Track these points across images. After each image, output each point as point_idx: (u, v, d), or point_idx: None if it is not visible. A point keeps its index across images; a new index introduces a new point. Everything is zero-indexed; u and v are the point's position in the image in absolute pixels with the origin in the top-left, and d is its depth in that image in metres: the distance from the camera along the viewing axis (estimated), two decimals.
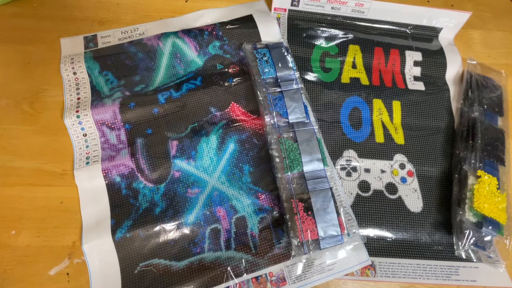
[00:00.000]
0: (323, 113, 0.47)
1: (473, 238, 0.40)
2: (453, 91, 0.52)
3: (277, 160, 0.41)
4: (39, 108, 0.45)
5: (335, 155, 0.45)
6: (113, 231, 0.39)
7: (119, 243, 0.38)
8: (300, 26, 0.52)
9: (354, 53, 0.52)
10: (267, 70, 0.45)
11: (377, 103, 0.49)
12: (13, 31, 0.49)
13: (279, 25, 0.52)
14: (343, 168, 0.45)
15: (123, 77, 0.47)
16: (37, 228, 0.39)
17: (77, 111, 0.44)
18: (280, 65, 0.46)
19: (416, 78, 0.52)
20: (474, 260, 0.41)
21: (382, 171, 0.45)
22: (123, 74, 0.47)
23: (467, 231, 0.40)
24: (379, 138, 0.47)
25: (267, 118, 0.43)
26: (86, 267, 0.37)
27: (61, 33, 0.49)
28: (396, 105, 0.49)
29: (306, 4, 0.52)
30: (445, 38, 0.55)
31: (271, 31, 0.51)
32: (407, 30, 0.54)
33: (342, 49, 0.52)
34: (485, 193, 0.41)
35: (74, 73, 0.46)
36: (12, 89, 0.46)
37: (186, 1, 0.54)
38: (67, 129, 0.43)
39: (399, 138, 0.47)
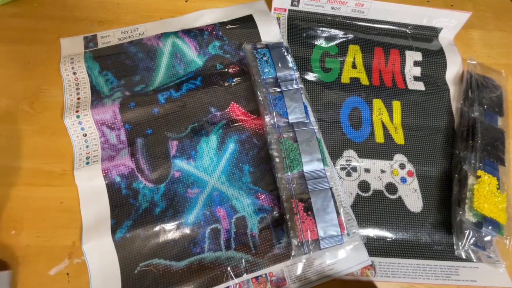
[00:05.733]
0: (323, 113, 0.47)
1: (473, 238, 0.40)
2: (453, 91, 0.52)
3: (277, 160, 0.41)
4: (39, 108, 0.45)
5: (335, 155, 0.45)
6: (113, 231, 0.39)
7: (119, 243, 0.38)
8: (300, 26, 0.52)
9: (354, 53, 0.52)
10: (267, 70, 0.45)
11: (377, 103, 0.49)
12: (13, 31, 0.49)
13: (279, 25, 0.52)
14: (343, 168, 0.45)
15: (123, 77, 0.47)
16: (37, 228, 0.39)
17: (77, 111, 0.44)
18: (280, 65, 0.46)
19: (416, 78, 0.52)
20: (474, 260, 0.41)
21: (382, 171, 0.45)
22: (123, 74, 0.47)
23: (467, 231, 0.40)
24: (379, 138, 0.47)
25: (267, 118, 0.43)
26: (86, 267, 0.37)
27: (61, 33, 0.49)
28: (396, 105, 0.49)
29: (306, 4, 0.52)
30: (445, 38, 0.55)
31: (271, 31, 0.51)
32: (407, 30, 0.54)
33: (342, 49, 0.52)
34: (485, 193, 0.41)
35: (74, 73, 0.46)
36: (12, 89, 0.46)
37: (186, 1, 0.54)
38: (67, 129, 0.43)
39: (399, 138, 0.47)
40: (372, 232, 0.42)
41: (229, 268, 0.38)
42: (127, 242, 0.39)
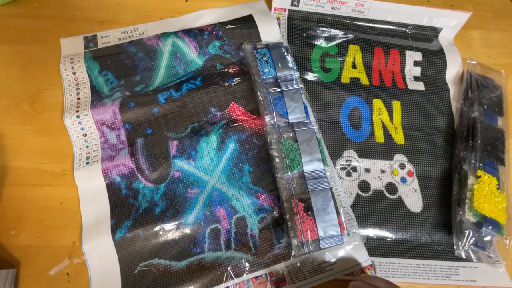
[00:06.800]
0: (323, 113, 0.47)
1: (473, 238, 0.40)
2: (453, 91, 0.52)
3: (277, 160, 0.41)
4: (39, 108, 0.45)
5: (335, 155, 0.45)
6: (113, 231, 0.39)
7: (119, 243, 0.38)
8: (300, 26, 0.52)
9: (354, 53, 0.52)
10: (267, 70, 0.45)
11: (377, 103, 0.49)
12: (13, 31, 0.49)
13: (279, 25, 0.52)
14: (343, 168, 0.45)
15: (123, 77, 0.47)
16: (37, 228, 0.39)
17: (77, 111, 0.44)
18: (280, 65, 0.46)
19: (416, 78, 0.52)
20: (474, 260, 0.41)
21: (382, 171, 0.45)
22: (123, 74, 0.47)
23: (467, 231, 0.40)
24: (379, 138, 0.47)
25: (267, 118, 0.43)
26: (86, 267, 0.37)
27: (61, 33, 0.49)
28: (396, 105, 0.49)
29: (306, 4, 0.52)
30: (445, 38, 0.55)
31: (271, 31, 0.51)
32: (407, 30, 0.54)
33: (342, 49, 0.52)
34: (485, 193, 0.41)
35: (74, 73, 0.46)
36: (12, 89, 0.46)
37: (186, 1, 0.54)
38: (67, 129, 0.43)
39: (399, 138, 0.47)
40: (372, 232, 0.42)
41: (229, 268, 0.38)
42: (127, 242, 0.39)
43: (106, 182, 0.41)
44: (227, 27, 0.50)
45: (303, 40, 0.51)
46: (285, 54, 0.47)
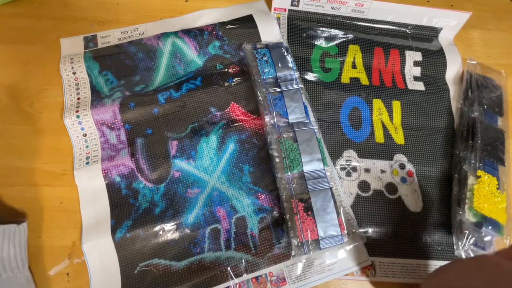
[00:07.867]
0: (323, 113, 0.47)
1: (473, 238, 0.40)
2: (453, 91, 0.52)
3: (277, 160, 0.41)
4: (39, 108, 0.45)
5: (335, 155, 0.45)
6: (113, 231, 0.39)
7: (119, 243, 0.38)
8: (300, 26, 0.52)
9: (354, 53, 0.52)
10: (267, 70, 0.45)
11: (377, 103, 0.49)
12: (13, 31, 0.49)
13: (279, 25, 0.52)
14: (343, 168, 0.45)
15: (123, 77, 0.47)
16: (37, 228, 0.39)
17: (77, 111, 0.44)
18: (280, 65, 0.46)
19: (416, 78, 0.52)
20: None
21: (382, 171, 0.45)
22: (123, 74, 0.47)
23: (467, 231, 0.40)
24: (379, 138, 0.47)
25: (267, 118, 0.43)
26: (86, 267, 0.37)
27: (61, 33, 0.49)
28: (396, 105, 0.49)
29: (306, 4, 0.52)
30: (445, 38, 0.55)
31: (271, 31, 0.51)
32: (407, 30, 0.54)
33: (342, 49, 0.52)
34: (485, 193, 0.41)
35: (74, 73, 0.46)
36: (12, 89, 0.46)
37: (186, 1, 0.54)
38: (67, 129, 0.43)
39: (399, 138, 0.47)
40: (372, 232, 0.42)
41: (229, 268, 0.38)
42: (127, 242, 0.39)
43: (106, 182, 0.41)
44: (227, 27, 0.50)
45: (303, 40, 0.51)
46: (285, 54, 0.47)
